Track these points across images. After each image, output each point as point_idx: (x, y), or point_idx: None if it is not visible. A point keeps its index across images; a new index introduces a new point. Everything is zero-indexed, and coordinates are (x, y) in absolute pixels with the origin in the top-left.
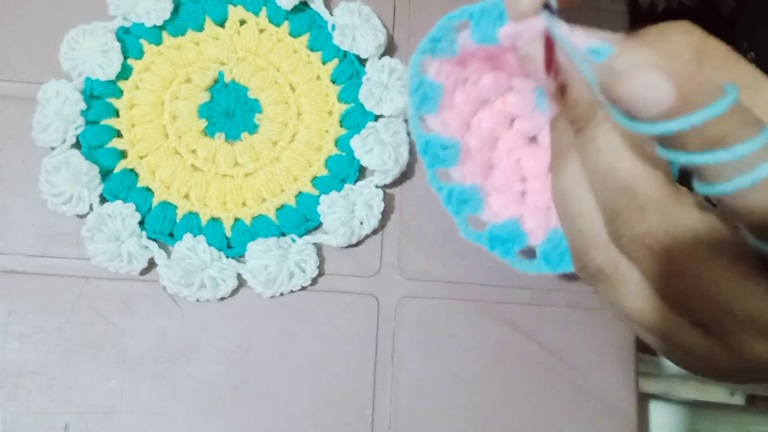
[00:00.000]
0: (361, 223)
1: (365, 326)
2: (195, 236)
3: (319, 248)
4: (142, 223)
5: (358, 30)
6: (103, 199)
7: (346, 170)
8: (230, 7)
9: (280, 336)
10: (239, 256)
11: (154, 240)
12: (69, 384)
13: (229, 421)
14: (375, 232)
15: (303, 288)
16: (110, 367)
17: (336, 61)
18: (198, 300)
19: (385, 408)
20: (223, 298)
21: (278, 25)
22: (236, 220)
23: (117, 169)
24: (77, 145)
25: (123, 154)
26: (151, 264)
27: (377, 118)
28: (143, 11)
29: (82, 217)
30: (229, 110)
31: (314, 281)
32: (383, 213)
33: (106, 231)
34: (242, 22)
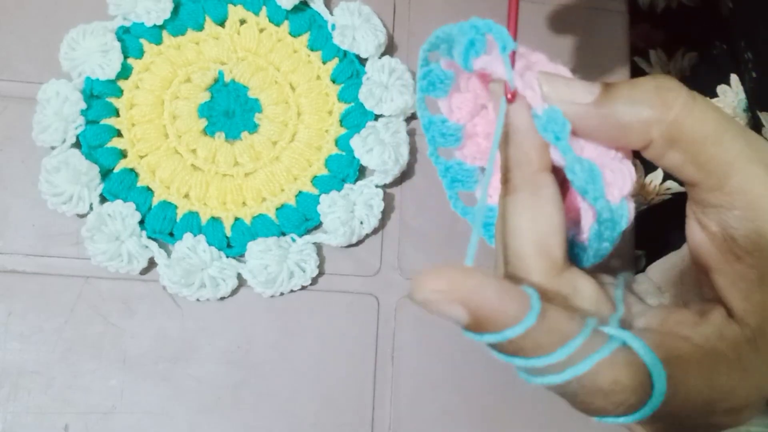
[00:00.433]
0: (361, 222)
1: (365, 326)
2: (195, 236)
3: (319, 248)
4: (142, 222)
5: (358, 30)
6: (103, 199)
7: (346, 170)
8: (230, 7)
9: (280, 336)
10: (239, 256)
11: (154, 240)
12: (69, 384)
13: (229, 421)
14: (375, 231)
15: (303, 288)
16: (110, 367)
17: (336, 60)
18: (198, 300)
19: (385, 408)
20: (223, 298)
21: (278, 24)
22: (236, 219)
23: (117, 169)
24: (77, 144)
25: (123, 154)
26: (151, 264)
27: (377, 117)
28: (143, 11)
29: (82, 216)
30: (229, 110)
31: (314, 281)
32: (383, 213)
33: (106, 231)
34: (242, 22)
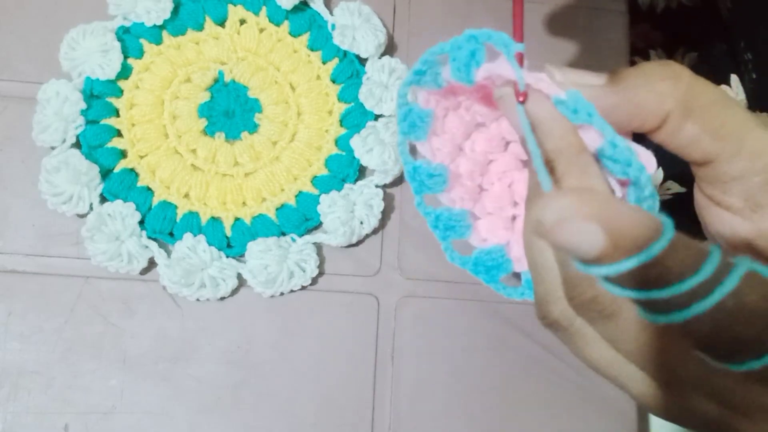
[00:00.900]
0: (361, 222)
1: (365, 326)
2: (195, 236)
3: (319, 248)
4: (142, 222)
5: (358, 30)
6: (103, 199)
7: (346, 170)
8: (230, 7)
9: (280, 336)
10: (239, 256)
11: (154, 240)
12: (69, 384)
13: (229, 421)
14: (375, 231)
15: (303, 288)
16: (110, 367)
17: (336, 60)
18: (198, 300)
19: (385, 408)
20: (223, 298)
21: (278, 24)
22: (236, 219)
23: (117, 169)
24: (77, 144)
25: (123, 154)
26: (151, 264)
27: (377, 117)
28: (143, 11)
29: (82, 216)
30: (229, 110)
31: (314, 281)
32: (383, 213)
33: (106, 231)
34: (242, 22)
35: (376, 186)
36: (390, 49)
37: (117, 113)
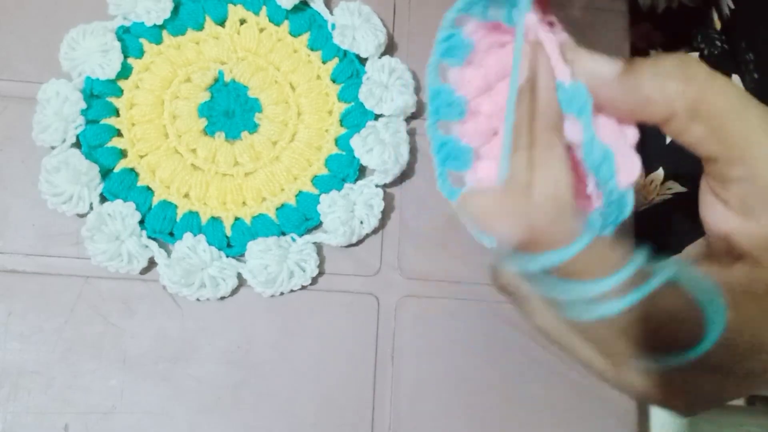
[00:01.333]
0: (361, 222)
1: (365, 326)
2: (195, 235)
3: (319, 248)
4: (142, 222)
5: (358, 29)
6: (103, 199)
7: (346, 170)
8: (230, 7)
9: (280, 336)
10: (239, 256)
11: (154, 239)
12: (69, 384)
13: (229, 421)
14: (375, 231)
15: (303, 287)
16: (110, 367)
17: (336, 60)
18: (198, 299)
19: (385, 408)
20: (223, 298)
21: (278, 24)
22: (236, 219)
23: (117, 169)
24: (77, 144)
25: (123, 154)
26: (151, 263)
27: (377, 117)
28: (143, 11)
29: (82, 216)
30: (229, 110)
31: (314, 281)
32: (383, 213)
33: (106, 230)
34: (242, 22)
35: (376, 186)
36: (390, 49)
37: (117, 113)
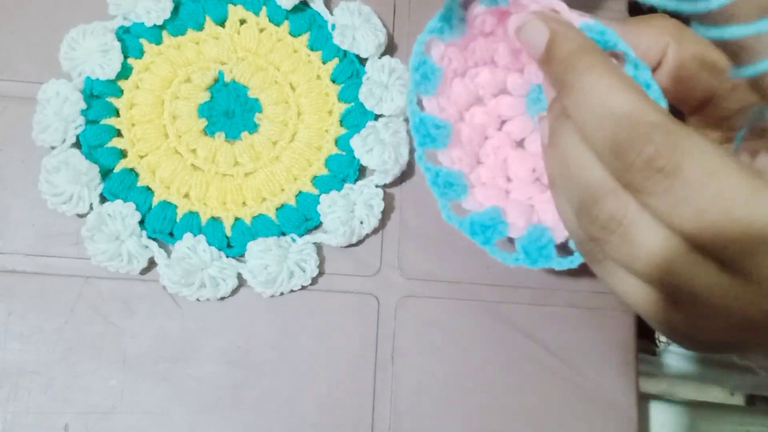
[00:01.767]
0: (361, 222)
1: (365, 326)
2: (195, 236)
3: (319, 248)
4: (142, 222)
5: (358, 30)
6: (103, 199)
7: (346, 170)
8: (230, 7)
9: (280, 336)
10: (239, 256)
11: (154, 239)
12: (69, 384)
13: (229, 421)
14: (375, 231)
15: (303, 288)
16: (110, 367)
17: (336, 60)
18: (198, 300)
19: (385, 408)
20: (223, 298)
21: (278, 24)
22: (236, 219)
23: (117, 169)
24: (77, 144)
25: (123, 154)
26: (151, 263)
27: (377, 117)
28: (143, 11)
29: (82, 216)
30: (229, 110)
31: (314, 281)
32: (383, 213)
33: (106, 231)
34: (242, 22)
35: (376, 186)
36: (390, 49)
37: (117, 113)
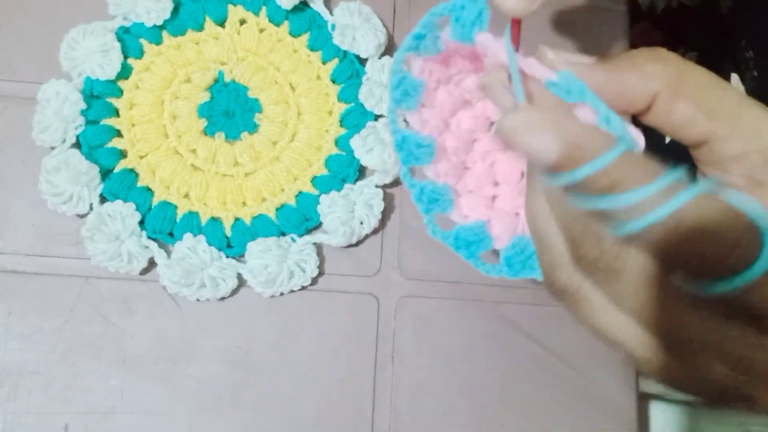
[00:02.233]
0: (361, 222)
1: (365, 326)
2: (195, 236)
3: (319, 248)
4: (142, 222)
5: (358, 30)
6: (103, 199)
7: (346, 170)
8: (230, 7)
9: (280, 336)
10: (239, 256)
11: (154, 240)
12: (69, 384)
13: (229, 421)
14: (375, 232)
15: (303, 288)
16: (110, 367)
17: (336, 60)
18: (198, 300)
19: (385, 408)
20: (223, 298)
21: (278, 24)
22: (236, 219)
23: (117, 169)
24: (77, 144)
25: (123, 154)
26: (151, 264)
27: (377, 117)
28: (143, 11)
29: (82, 216)
30: (229, 110)
31: (314, 281)
32: (383, 213)
33: (106, 231)
34: (242, 22)
35: (376, 186)
36: (390, 49)
37: (117, 113)
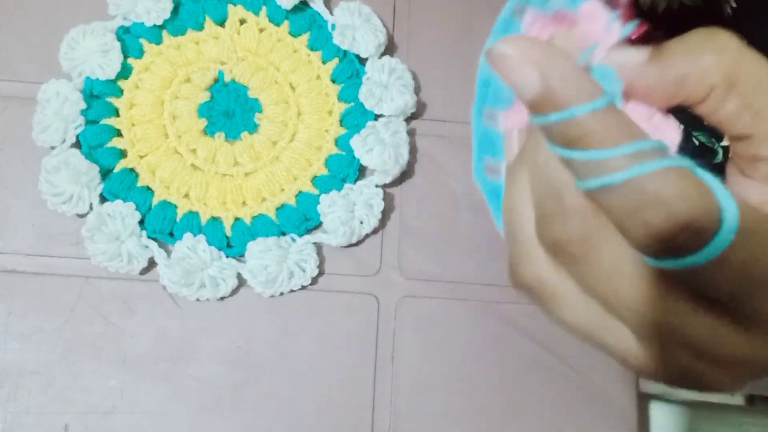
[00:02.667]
0: (361, 222)
1: (365, 326)
2: (195, 236)
3: (319, 248)
4: (142, 222)
5: (358, 30)
6: (103, 199)
7: (346, 170)
8: (230, 7)
9: (280, 336)
10: (239, 256)
11: (154, 239)
12: (69, 384)
13: (229, 421)
14: (375, 231)
15: (303, 287)
16: (110, 367)
17: (336, 60)
18: (198, 300)
19: (385, 408)
20: (223, 298)
21: (278, 24)
22: (236, 219)
23: (117, 169)
24: (77, 144)
25: (123, 154)
26: (151, 263)
27: (377, 117)
28: (143, 11)
29: (82, 216)
30: (229, 110)
31: (314, 281)
32: (383, 213)
33: (106, 231)
34: (242, 22)
35: (376, 186)
36: (390, 49)
37: (117, 113)
